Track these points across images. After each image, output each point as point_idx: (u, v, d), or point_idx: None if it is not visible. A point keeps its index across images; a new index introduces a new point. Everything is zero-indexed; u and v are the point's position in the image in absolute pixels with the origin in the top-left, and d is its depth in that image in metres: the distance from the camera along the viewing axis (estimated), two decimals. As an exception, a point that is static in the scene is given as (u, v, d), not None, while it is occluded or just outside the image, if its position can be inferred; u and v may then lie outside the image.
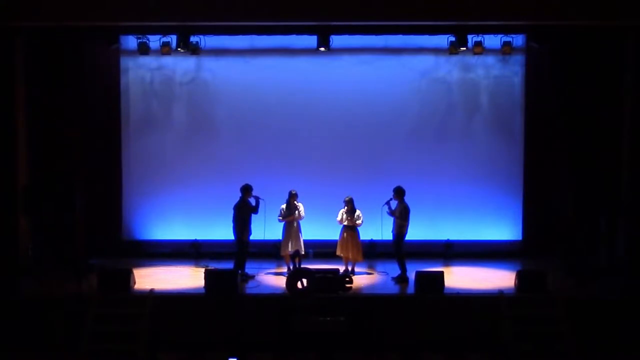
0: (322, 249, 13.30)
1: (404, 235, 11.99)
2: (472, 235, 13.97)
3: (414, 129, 14.03)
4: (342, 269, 12.15)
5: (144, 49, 13.32)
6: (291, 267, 12.17)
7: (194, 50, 13.26)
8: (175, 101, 14.14)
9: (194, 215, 13.97)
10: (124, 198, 14.11)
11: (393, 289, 11.62)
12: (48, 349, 10.56)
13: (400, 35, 13.10)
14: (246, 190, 12.12)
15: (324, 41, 12.50)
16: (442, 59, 13.88)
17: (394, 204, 12.03)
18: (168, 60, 13.90)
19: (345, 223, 12.38)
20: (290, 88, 13.96)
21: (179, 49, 12.99)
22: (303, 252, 12.38)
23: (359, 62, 13.91)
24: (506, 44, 13.31)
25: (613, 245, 12.59)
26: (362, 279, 12.16)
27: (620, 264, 12.02)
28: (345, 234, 12.42)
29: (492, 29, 12.64)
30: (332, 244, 12.70)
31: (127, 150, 14.08)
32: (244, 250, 12.10)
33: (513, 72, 13.98)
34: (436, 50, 13.67)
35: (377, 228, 12.22)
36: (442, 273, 11.14)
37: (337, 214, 12.45)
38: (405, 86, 13.96)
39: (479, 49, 13.14)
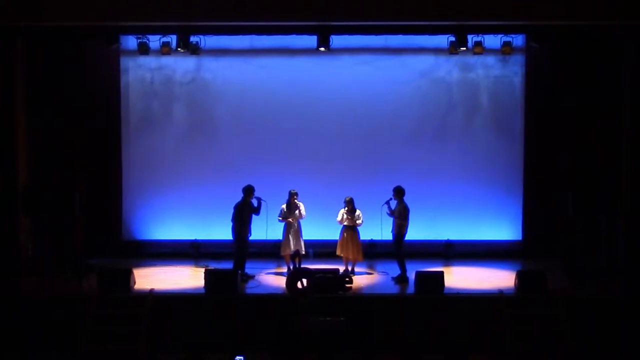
0: (322, 249, 13.28)
1: (404, 235, 11.98)
2: (472, 235, 13.96)
3: (414, 129, 14.02)
4: (342, 269, 12.14)
5: (144, 49, 13.32)
6: (291, 267, 12.17)
7: (194, 50, 13.26)
8: (175, 101, 14.13)
9: (194, 215, 13.96)
10: (124, 198, 14.10)
11: (393, 289, 11.61)
12: (48, 349, 10.55)
13: (400, 35, 13.08)
14: (248, 191, 12.10)
15: (324, 41, 12.49)
16: (442, 59, 13.87)
17: (393, 203, 12.03)
18: (168, 60, 13.89)
19: (346, 223, 12.38)
20: (290, 88, 13.95)
21: (179, 49, 13.01)
22: (303, 252, 12.38)
23: (359, 62, 13.90)
24: (506, 44, 13.30)
25: (613, 245, 12.59)
26: (362, 279, 12.16)
27: (620, 264, 12.02)
28: (345, 234, 12.42)
29: (492, 29, 12.64)
30: (332, 244, 12.69)
31: (127, 150, 14.07)
32: (243, 250, 12.09)
33: (513, 72, 13.97)
34: (436, 50, 13.66)
35: (377, 228, 12.21)
36: (442, 273, 11.13)
37: (337, 214, 12.45)
38: (405, 86, 13.95)
39: (479, 49, 13.14)
